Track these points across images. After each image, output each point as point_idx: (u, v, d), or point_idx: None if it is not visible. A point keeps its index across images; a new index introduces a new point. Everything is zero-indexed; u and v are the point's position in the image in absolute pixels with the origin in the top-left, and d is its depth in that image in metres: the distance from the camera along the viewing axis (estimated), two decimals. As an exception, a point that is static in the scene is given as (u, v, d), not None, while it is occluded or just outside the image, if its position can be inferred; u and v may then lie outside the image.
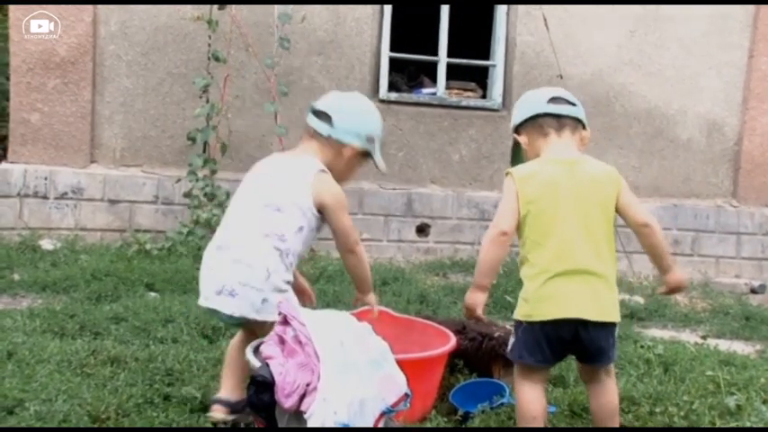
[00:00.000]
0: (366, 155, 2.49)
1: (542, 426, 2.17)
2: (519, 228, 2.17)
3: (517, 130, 2.32)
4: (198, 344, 3.10)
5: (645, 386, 2.82)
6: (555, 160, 2.20)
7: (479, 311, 2.20)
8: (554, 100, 2.27)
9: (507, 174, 2.22)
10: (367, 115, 2.52)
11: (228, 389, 2.34)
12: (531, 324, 2.11)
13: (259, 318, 2.21)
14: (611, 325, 2.14)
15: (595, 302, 2.10)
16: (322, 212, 2.33)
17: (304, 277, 2.61)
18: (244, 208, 2.36)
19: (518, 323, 2.16)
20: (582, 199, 2.15)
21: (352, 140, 2.42)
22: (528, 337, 2.12)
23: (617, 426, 2.26)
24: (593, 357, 2.17)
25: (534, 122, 2.26)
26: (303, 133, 2.49)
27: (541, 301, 2.09)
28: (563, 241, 2.11)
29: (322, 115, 2.42)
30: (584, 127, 2.29)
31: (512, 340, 2.19)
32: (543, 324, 2.08)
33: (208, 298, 2.28)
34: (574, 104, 2.29)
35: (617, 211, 2.21)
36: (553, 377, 2.86)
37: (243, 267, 2.22)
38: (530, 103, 2.31)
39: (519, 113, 2.32)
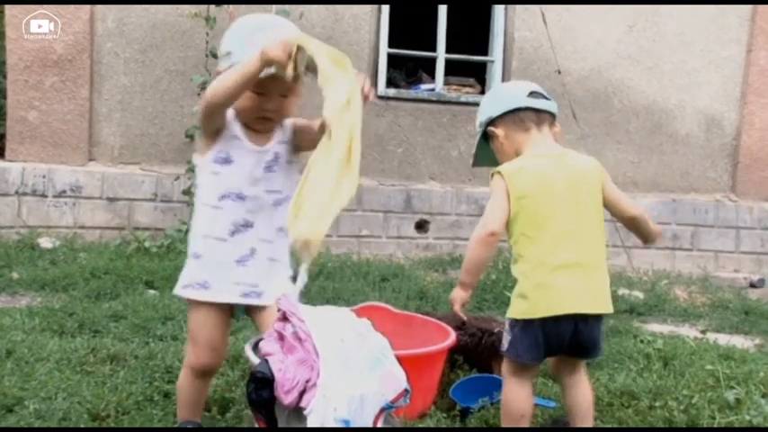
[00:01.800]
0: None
1: (529, 424, 2.17)
2: (509, 225, 2.14)
3: (492, 122, 2.26)
4: (197, 341, 3.10)
5: (644, 381, 2.82)
6: (542, 155, 2.19)
7: (457, 307, 2.22)
8: (533, 94, 2.24)
9: (495, 173, 2.17)
10: (227, 32, 2.06)
11: None
12: (530, 321, 2.07)
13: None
14: (604, 316, 2.15)
15: (593, 295, 2.09)
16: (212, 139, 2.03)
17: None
18: None
19: (514, 321, 2.12)
20: (574, 190, 2.14)
21: (218, 65, 2.08)
22: (525, 335, 2.09)
23: (591, 421, 2.24)
24: (587, 351, 2.17)
25: (514, 116, 2.22)
26: None
27: (540, 298, 2.06)
28: (558, 234, 2.09)
29: None
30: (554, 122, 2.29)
31: (507, 338, 2.15)
32: (543, 321, 2.05)
33: None
34: (549, 99, 2.27)
35: (605, 205, 2.21)
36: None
37: None
38: (508, 96, 2.26)
39: (496, 106, 2.25)
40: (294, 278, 1.91)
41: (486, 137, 2.32)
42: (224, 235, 2.02)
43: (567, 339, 2.10)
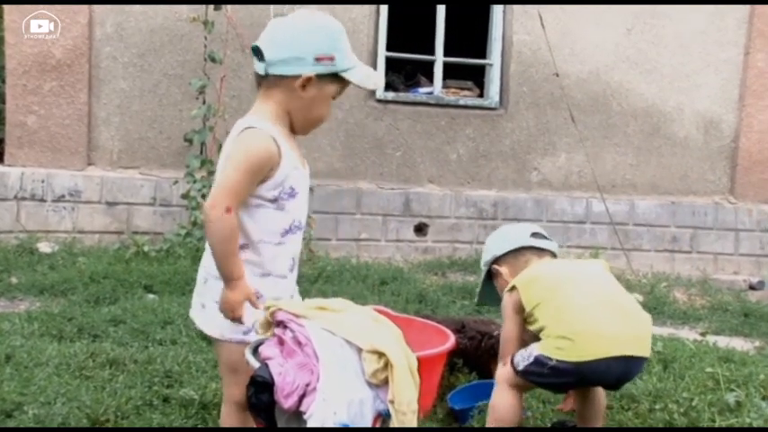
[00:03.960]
0: (335, 82, 1.91)
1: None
2: (532, 318, 2.15)
3: (495, 261, 2.39)
4: (197, 345, 3.10)
5: (644, 383, 2.82)
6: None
7: None
8: (535, 235, 2.38)
9: (510, 288, 2.24)
10: (304, 31, 1.89)
11: None
12: (578, 364, 2.01)
13: (204, 329, 1.95)
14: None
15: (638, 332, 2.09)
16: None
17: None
18: None
19: (547, 359, 2.04)
20: (587, 265, 2.32)
21: (297, 70, 1.86)
22: (565, 375, 2.04)
23: (601, 423, 2.25)
24: (616, 388, 2.20)
25: (516, 254, 2.35)
26: None
27: (590, 336, 2.01)
28: (579, 283, 2.15)
29: (257, 52, 1.90)
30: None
31: (530, 360, 2.09)
32: (595, 362, 1.99)
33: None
34: (550, 240, 2.42)
35: None
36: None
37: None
38: (512, 237, 2.40)
39: (501, 246, 2.39)
40: None
41: (489, 276, 2.44)
42: (285, 271, 1.93)
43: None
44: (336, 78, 1.89)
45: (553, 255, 2.36)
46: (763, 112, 6.32)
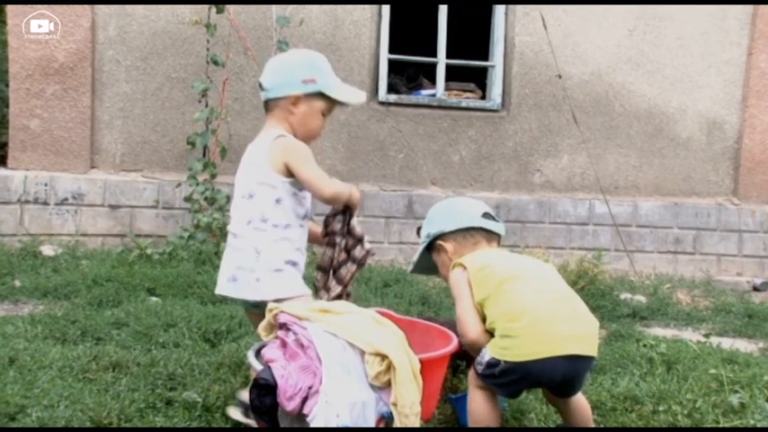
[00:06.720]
0: (321, 99, 2.36)
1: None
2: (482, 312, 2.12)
3: (441, 236, 2.34)
4: (200, 348, 3.10)
5: (648, 385, 2.81)
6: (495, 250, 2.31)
7: None
8: (486, 215, 2.33)
9: (457, 265, 2.21)
10: (292, 62, 2.41)
11: None
12: (525, 363, 1.97)
13: (258, 297, 2.24)
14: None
15: (584, 330, 2.04)
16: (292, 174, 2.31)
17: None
18: (233, 200, 2.46)
19: (497, 361, 2.00)
20: (533, 259, 2.29)
21: (287, 91, 2.34)
22: (513, 375, 1.99)
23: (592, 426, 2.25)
24: (566, 392, 2.14)
25: (465, 233, 2.30)
26: None
27: (536, 335, 1.96)
28: (531, 276, 2.12)
29: (260, 85, 2.41)
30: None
31: (484, 364, 2.05)
32: (540, 361, 1.95)
33: (221, 285, 2.37)
34: (498, 221, 2.37)
35: None
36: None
37: (237, 253, 2.31)
38: (463, 214, 2.34)
39: (450, 222, 2.33)
40: None
41: (428, 247, 2.41)
42: (303, 250, 2.38)
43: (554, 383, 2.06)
44: (322, 96, 2.36)
45: (499, 238, 2.34)
46: (766, 113, 6.31)
